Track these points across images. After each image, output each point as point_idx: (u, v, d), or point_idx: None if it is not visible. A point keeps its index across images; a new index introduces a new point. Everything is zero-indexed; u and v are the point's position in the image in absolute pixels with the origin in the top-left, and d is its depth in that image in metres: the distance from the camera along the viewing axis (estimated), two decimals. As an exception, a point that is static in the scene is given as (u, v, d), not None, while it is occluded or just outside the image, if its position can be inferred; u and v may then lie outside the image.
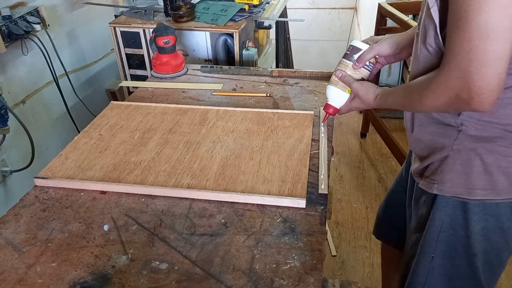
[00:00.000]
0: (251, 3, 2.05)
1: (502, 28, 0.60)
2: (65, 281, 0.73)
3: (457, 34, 0.64)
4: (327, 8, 4.31)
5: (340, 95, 1.00)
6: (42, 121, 2.00)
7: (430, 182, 0.87)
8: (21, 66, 1.83)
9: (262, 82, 1.43)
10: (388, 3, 2.22)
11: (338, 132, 2.76)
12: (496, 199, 0.81)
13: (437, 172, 0.85)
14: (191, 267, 0.75)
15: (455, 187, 0.83)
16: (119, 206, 0.90)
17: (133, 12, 2.06)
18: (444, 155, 0.83)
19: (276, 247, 0.78)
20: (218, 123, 1.17)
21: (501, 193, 0.80)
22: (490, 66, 0.62)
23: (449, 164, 0.83)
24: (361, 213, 2.11)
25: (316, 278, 0.72)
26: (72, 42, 2.18)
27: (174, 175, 0.97)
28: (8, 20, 1.65)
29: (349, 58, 0.99)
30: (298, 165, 0.98)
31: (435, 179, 0.86)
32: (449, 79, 0.68)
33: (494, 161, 0.79)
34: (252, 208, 0.88)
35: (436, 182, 0.85)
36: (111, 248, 0.79)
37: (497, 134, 0.77)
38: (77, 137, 1.12)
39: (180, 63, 1.51)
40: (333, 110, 1.02)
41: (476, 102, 0.65)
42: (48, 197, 0.93)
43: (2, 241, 0.82)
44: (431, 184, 0.86)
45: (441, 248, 0.89)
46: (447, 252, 0.89)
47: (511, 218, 0.83)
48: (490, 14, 0.60)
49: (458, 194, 0.83)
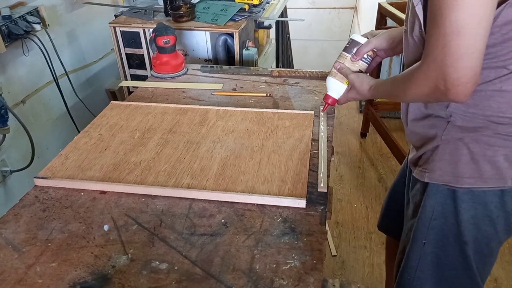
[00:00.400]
0: (251, 3, 2.04)
1: (471, 25, 0.65)
2: (65, 281, 0.73)
3: (433, 30, 0.69)
4: (327, 8, 4.31)
5: (338, 85, 1.04)
6: (42, 121, 2.00)
7: (422, 171, 0.91)
8: (21, 66, 1.83)
9: (262, 82, 1.43)
10: (388, 3, 2.21)
11: (338, 132, 2.76)
12: (484, 187, 0.85)
13: (429, 161, 0.89)
14: (191, 267, 0.75)
15: (444, 175, 0.87)
16: (119, 206, 0.90)
17: (133, 12, 2.06)
18: (435, 145, 0.87)
19: (276, 247, 0.78)
20: (218, 123, 1.16)
21: (488, 181, 0.84)
22: (463, 60, 0.67)
23: (439, 154, 0.87)
24: (361, 213, 2.11)
25: (316, 278, 0.72)
26: (72, 42, 2.18)
27: (174, 175, 0.96)
28: (8, 20, 1.65)
29: (348, 51, 1.03)
30: (298, 165, 0.98)
31: (426, 168, 0.90)
32: (428, 71, 0.72)
33: (479, 150, 0.83)
34: (252, 208, 0.88)
35: (427, 170, 0.89)
36: (111, 248, 0.79)
37: (481, 125, 0.81)
38: (77, 137, 1.12)
39: (180, 63, 1.51)
40: (331, 100, 1.06)
41: (453, 93, 0.70)
42: (48, 197, 0.93)
43: (2, 241, 0.82)
44: (423, 172, 0.91)
45: (432, 236, 0.93)
46: (439, 240, 0.93)
47: (498, 206, 0.87)
48: (460, 12, 0.64)
49: (447, 182, 0.87)
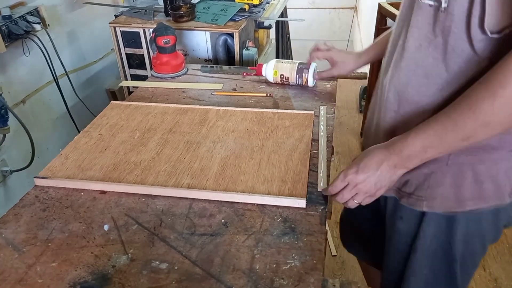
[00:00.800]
0: (251, 3, 2.05)
1: None
2: (65, 281, 0.73)
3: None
4: (327, 8, 4.31)
5: None
6: (42, 121, 2.00)
7: (417, 199, 0.79)
8: (21, 66, 1.83)
9: (262, 82, 1.43)
10: (388, 3, 2.21)
11: (338, 132, 2.76)
12: (483, 207, 0.76)
13: (424, 187, 0.78)
14: (191, 267, 0.75)
15: (445, 202, 0.77)
16: (119, 206, 0.90)
17: (133, 12, 2.06)
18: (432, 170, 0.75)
19: (276, 247, 0.78)
20: (218, 123, 1.17)
21: (488, 200, 0.76)
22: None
23: (438, 178, 0.76)
24: (361, 213, 2.11)
25: (316, 278, 0.72)
26: (72, 42, 2.18)
27: (174, 175, 0.97)
28: (8, 20, 1.65)
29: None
30: (298, 165, 0.98)
31: (422, 196, 0.78)
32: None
33: (485, 170, 0.74)
34: (252, 208, 0.88)
35: (424, 198, 0.78)
36: (111, 248, 0.79)
37: (495, 143, 0.70)
38: (77, 137, 1.12)
39: (180, 63, 1.51)
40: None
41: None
42: (48, 197, 0.93)
43: (2, 241, 0.82)
44: (418, 201, 0.79)
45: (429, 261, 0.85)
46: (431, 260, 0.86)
47: (491, 223, 0.80)
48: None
49: (449, 208, 0.77)
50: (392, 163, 0.71)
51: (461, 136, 0.62)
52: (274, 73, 1.34)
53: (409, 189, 0.80)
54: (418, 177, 0.77)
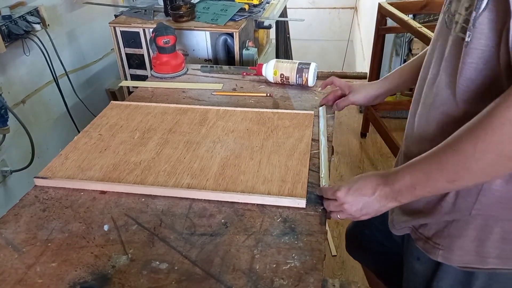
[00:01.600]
0: (251, 2, 2.04)
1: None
2: (65, 281, 0.73)
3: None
4: (327, 8, 4.31)
5: None
6: (42, 121, 2.00)
7: (433, 246, 0.72)
8: (21, 66, 1.83)
9: (262, 82, 1.43)
10: (388, 3, 2.21)
11: (338, 132, 2.76)
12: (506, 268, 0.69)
13: (443, 235, 0.71)
14: (191, 267, 0.75)
15: (465, 256, 0.70)
16: (119, 206, 0.90)
17: (133, 12, 2.06)
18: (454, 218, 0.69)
19: (276, 247, 0.78)
20: (218, 123, 1.16)
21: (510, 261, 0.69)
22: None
23: (459, 228, 0.69)
24: (361, 213, 2.11)
25: (316, 278, 0.72)
26: (72, 42, 2.18)
27: (174, 175, 0.96)
28: (8, 20, 1.65)
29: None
30: (298, 165, 0.98)
31: (439, 244, 0.72)
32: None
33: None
34: (252, 208, 0.88)
35: (442, 247, 0.71)
36: (111, 248, 0.79)
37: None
38: (77, 137, 1.12)
39: (180, 63, 1.51)
40: None
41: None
42: (48, 197, 0.93)
43: (2, 241, 0.82)
44: (434, 249, 0.73)
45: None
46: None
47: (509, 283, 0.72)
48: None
49: (467, 263, 0.70)
50: (384, 194, 0.68)
51: (446, 177, 0.59)
52: (274, 72, 1.35)
53: (427, 232, 0.74)
54: (438, 222, 0.72)
